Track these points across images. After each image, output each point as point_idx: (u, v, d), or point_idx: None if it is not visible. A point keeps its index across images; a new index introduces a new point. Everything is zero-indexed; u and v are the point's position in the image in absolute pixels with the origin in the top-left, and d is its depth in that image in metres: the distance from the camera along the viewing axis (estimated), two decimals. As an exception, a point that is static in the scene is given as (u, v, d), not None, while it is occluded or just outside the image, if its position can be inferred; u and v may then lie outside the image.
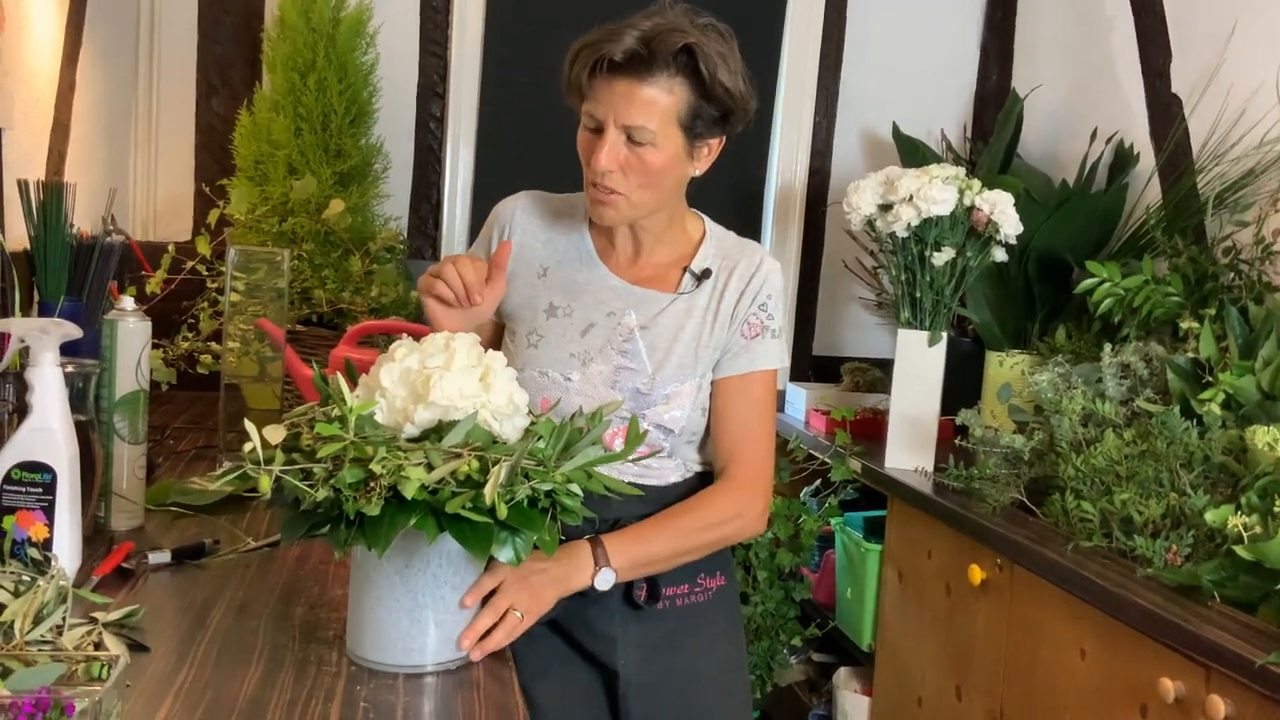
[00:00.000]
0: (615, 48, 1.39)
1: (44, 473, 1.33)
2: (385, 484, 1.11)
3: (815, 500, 2.88)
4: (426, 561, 1.20)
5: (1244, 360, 1.96)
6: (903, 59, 3.27)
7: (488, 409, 1.19)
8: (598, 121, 1.43)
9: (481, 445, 1.15)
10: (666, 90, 1.42)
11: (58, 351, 1.36)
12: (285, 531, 1.18)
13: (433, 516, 1.12)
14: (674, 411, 1.52)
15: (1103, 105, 2.84)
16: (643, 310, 1.54)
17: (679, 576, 1.55)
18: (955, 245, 2.28)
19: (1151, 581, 1.68)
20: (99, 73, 2.64)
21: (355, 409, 1.14)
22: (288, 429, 1.18)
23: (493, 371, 1.21)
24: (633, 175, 1.44)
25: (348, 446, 1.12)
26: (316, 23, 2.66)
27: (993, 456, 2.14)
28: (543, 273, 1.58)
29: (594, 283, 1.56)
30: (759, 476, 1.56)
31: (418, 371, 1.19)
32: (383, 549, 1.10)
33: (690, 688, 1.58)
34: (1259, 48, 2.36)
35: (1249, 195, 2.33)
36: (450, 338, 1.23)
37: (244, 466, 1.12)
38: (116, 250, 2.08)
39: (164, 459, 2.00)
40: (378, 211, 2.82)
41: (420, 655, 1.20)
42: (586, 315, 1.54)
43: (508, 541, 1.15)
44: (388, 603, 1.20)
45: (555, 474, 1.17)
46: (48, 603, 1.15)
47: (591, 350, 1.52)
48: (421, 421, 1.18)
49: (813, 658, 2.92)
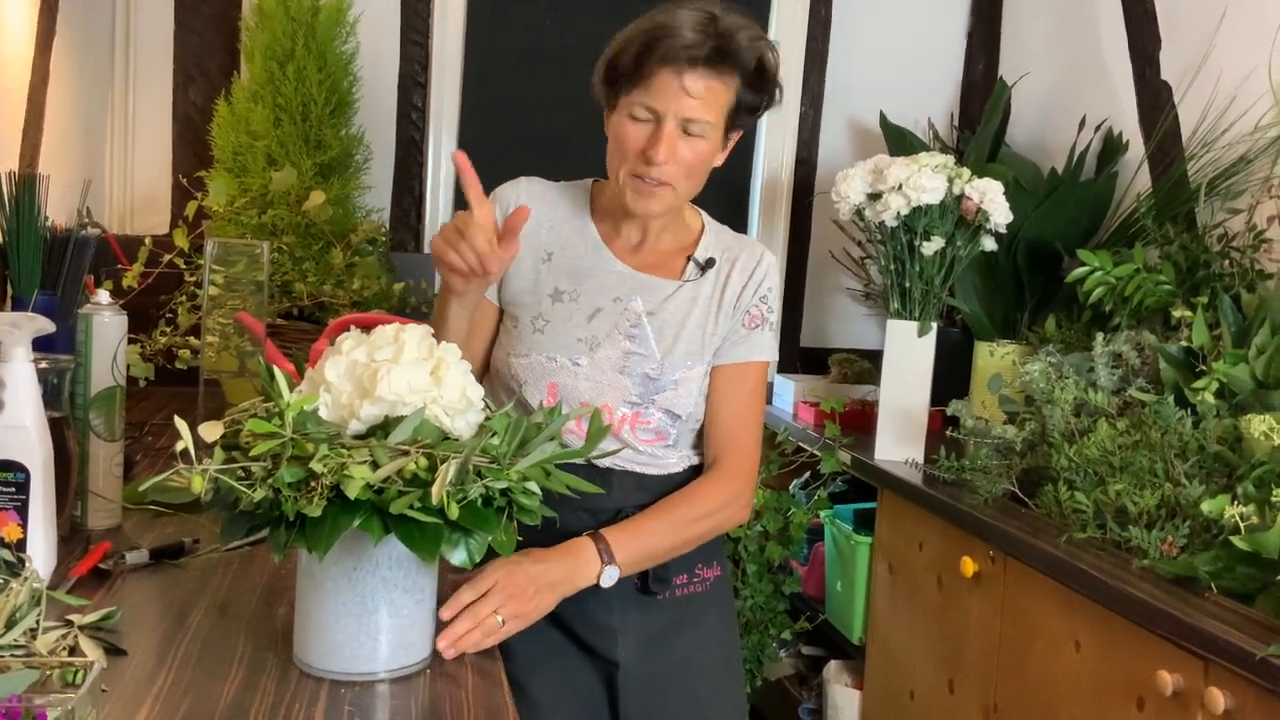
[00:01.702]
0: (693, 41, 1.40)
1: (17, 472, 1.29)
2: (327, 483, 1.06)
3: (804, 493, 2.86)
4: (375, 564, 1.14)
5: (1237, 348, 1.95)
6: (889, 47, 3.25)
7: (439, 404, 1.14)
8: (654, 114, 1.43)
9: (431, 442, 1.10)
10: (727, 86, 1.44)
11: (30, 347, 1.32)
12: (224, 533, 1.14)
13: (378, 517, 1.07)
14: (683, 398, 1.53)
15: (1091, 93, 2.82)
16: (649, 296, 1.55)
17: (679, 566, 1.56)
18: (945, 234, 2.26)
19: (1147, 573, 1.66)
20: (73, 63, 2.59)
21: (293, 404, 1.09)
22: (226, 425, 1.13)
23: (445, 365, 1.16)
24: (680, 166, 1.45)
25: (286, 444, 1.07)
26: (295, 11, 2.62)
27: (984, 447, 2.13)
28: (547, 258, 1.57)
29: (600, 268, 1.56)
30: (750, 466, 1.59)
31: (365, 365, 1.14)
32: (324, 551, 1.05)
33: (689, 678, 1.59)
34: (1249, 34, 2.34)
35: (1240, 182, 2.32)
36: (400, 329, 1.18)
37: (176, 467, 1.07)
38: (92, 243, 2.04)
39: (142, 456, 1.96)
40: (359, 203, 2.78)
41: (371, 662, 1.15)
42: (593, 300, 1.54)
43: (460, 543, 1.10)
44: (334, 608, 1.14)
45: (510, 472, 1.12)
46: (21, 606, 1.11)
47: (599, 335, 1.53)
48: (368, 417, 1.13)
49: (803, 651, 2.90)
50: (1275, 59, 2.26)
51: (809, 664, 2.87)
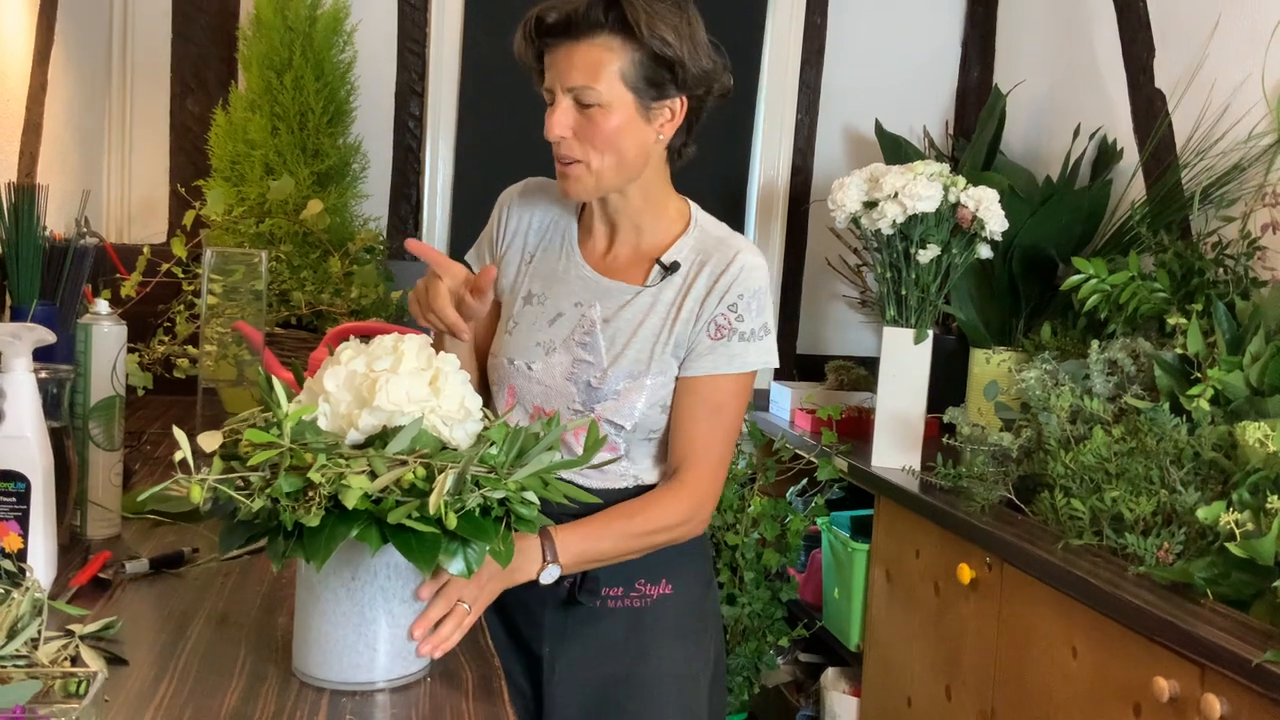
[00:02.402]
0: (545, 13, 1.43)
1: (18, 482, 1.29)
2: (325, 493, 1.06)
3: (801, 500, 2.87)
4: (374, 574, 1.14)
5: (1232, 356, 1.96)
6: (884, 56, 3.26)
7: (437, 414, 1.14)
8: (550, 94, 1.45)
9: (429, 452, 1.10)
10: (605, 48, 1.42)
11: (31, 357, 1.33)
12: (222, 542, 1.14)
13: (376, 527, 1.07)
14: (625, 409, 1.48)
15: (1085, 101, 2.83)
16: (608, 303, 1.52)
17: (614, 578, 1.51)
18: (940, 242, 2.27)
19: (1143, 579, 1.67)
20: (71, 73, 2.59)
21: (292, 414, 1.09)
22: (225, 435, 1.14)
23: (443, 375, 1.17)
24: (587, 141, 1.44)
25: (284, 454, 1.08)
26: (293, 20, 2.63)
27: (980, 454, 2.13)
28: (529, 260, 1.59)
29: (570, 272, 1.56)
30: (711, 482, 1.51)
31: (364, 375, 1.14)
32: (321, 561, 1.05)
33: (620, 688, 1.53)
34: (1242, 42, 2.35)
35: (1234, 190, 2.33)
36: (399, 339, 1.18)
37: (175, 476, 1.08)
38: (90, 253, 2.05)
39: (140, 465, 1.96)
40: (356, 212, 2.79)
41: (369, 672, 1.15)
42: (557, 305, 1.54)
43: (458, 553, 1.10)
44: (333, 617, 1.14)
45: (508, 482, 1.12)
46: (23, 616, 1.12)
47: (555, 340, 1.52)
48: (366, 427, 1.13)
49: (800, 658, 2.91)
50: (1268, 67, 2.28)
51: (807, 671, 2.87)
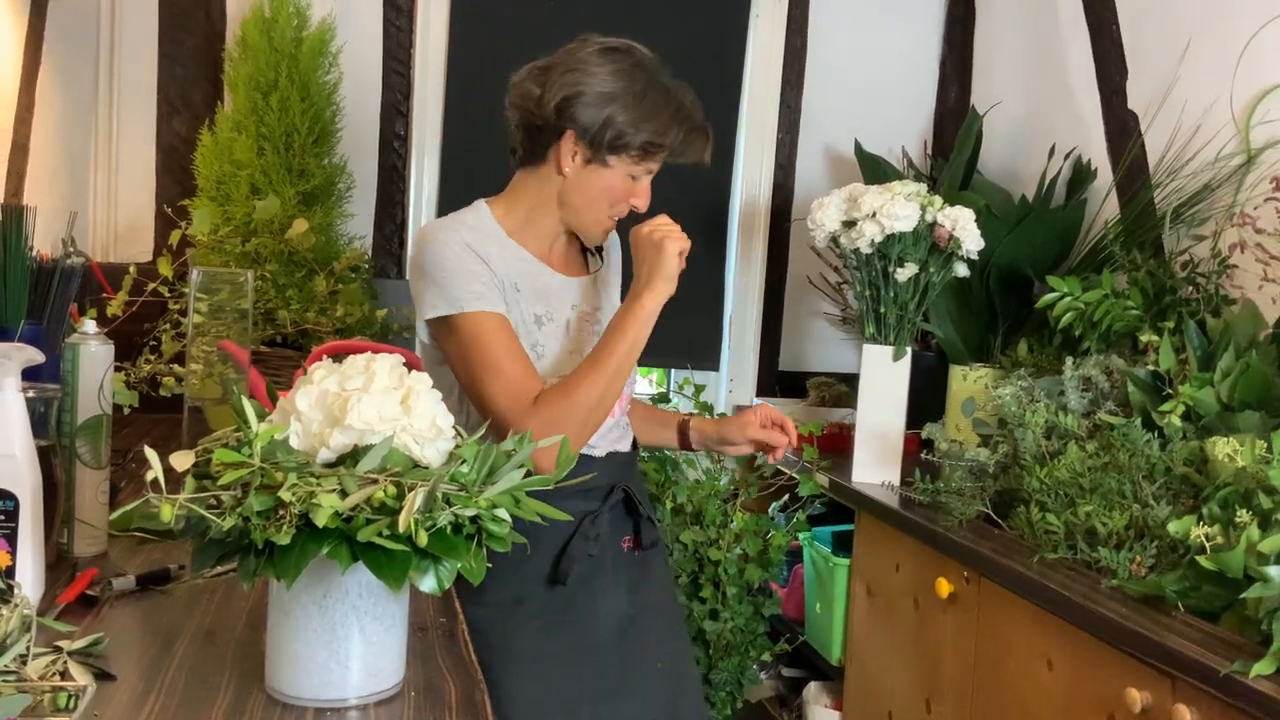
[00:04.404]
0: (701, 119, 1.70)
1: (6, 500, 1.31)
2: (296, 512, 1.07)
3: (783, 515, 2.89)
4: (345, 592, 1.15)
5: (1202, 372, 1.99)
6: (864, 77, 3.30)
7: (409, 432, 1.15)
8: (644, 174, 1.67)
9: (400, 470, 1.11)
10: None
11: (20, 377, 1.34)
12: (194, 561, 1.16)
13: (347, 545, 1.08)
14: (631, 376, 1.73)
15: (1060, 122, 2.88)
16: (584, 296, 1.75)
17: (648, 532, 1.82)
18: (918, 261, 2.30)
19: (1116, 592, 1.70)
20: (58, 93, 2.61)
21: (262, 434, 1.10)
22: (197, 455, 1.15)
23: (415, 394, 1.17)
24: None
25: (254, 473, 1.09)
26: (279, 42, 2.65)
27: (958, 470, 2.16)
28: (516, 289, 1.66)
29: (552, 284, 1.71)
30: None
31: (335, 394, 1.15)
32: (291, 580, 1.06)
33: (660, 616, 1.83)
34: (1212, 65, 2.40)
35: (1205, 210, 2.37)
36: (371, 358, 1.19)
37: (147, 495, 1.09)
38: (77, 273, 2.06)
39: (126, 483, 1.97)
40: (342, 231, 2.81)
41: (341, 689, 1.16)
42: (562, 315, 1.71)
43: (429, 570, 1.10)
44: (305, 635, 1.15)
45: (479, 499, 1.13)
46: (11, 632, 1.13)
47: (582, 344, 1.68)
48: (338, 446, 1.13)
49: (783, 673, 2.92)
50: (1236, 90, 2.32)
51: (789, 685, 2.89)
